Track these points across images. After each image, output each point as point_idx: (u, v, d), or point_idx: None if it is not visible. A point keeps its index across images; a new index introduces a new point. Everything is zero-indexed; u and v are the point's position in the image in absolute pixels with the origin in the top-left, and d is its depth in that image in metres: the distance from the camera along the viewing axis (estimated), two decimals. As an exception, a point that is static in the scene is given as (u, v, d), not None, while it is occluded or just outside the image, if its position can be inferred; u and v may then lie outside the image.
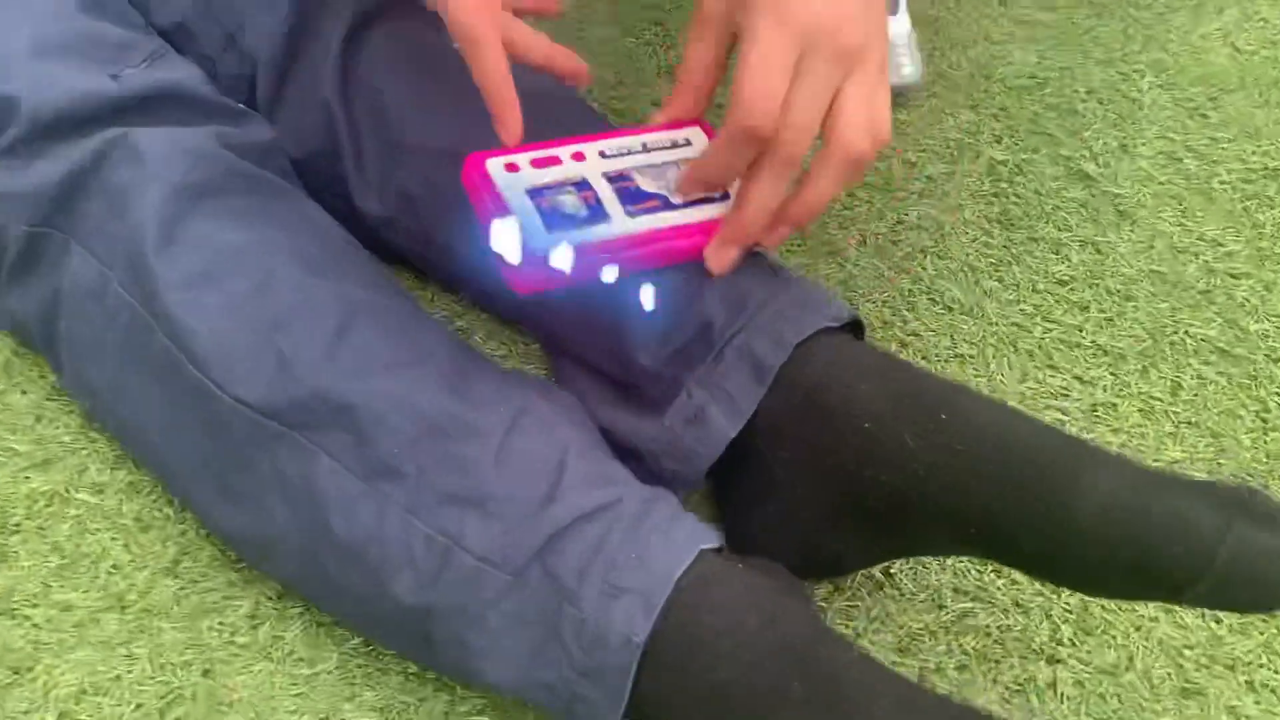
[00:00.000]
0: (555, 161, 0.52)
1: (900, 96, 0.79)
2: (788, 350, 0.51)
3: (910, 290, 0.69)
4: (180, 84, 0.55)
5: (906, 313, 0.67)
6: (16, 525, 0.53)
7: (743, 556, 0.50)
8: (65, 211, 0.51)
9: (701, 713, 0.44)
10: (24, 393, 0.57)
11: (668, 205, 0.52)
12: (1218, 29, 0.88)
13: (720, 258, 0.52)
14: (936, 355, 0.66)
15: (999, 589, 0.57)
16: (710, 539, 0.48)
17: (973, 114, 0.79)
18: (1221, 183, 0.77)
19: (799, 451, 0.51)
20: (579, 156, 0.52)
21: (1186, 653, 0.56)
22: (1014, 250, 0.71)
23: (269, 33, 0.59)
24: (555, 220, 0.50)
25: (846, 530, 0.51)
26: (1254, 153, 0.79)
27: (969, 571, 0.58)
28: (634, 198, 0.52)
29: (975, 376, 0.65)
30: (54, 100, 0.51)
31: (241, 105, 0.57)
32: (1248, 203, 0.76)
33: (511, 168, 0.51)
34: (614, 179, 0.52)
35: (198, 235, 0.51)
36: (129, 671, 0.49)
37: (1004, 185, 0.75)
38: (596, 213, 0.51)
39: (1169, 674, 0.55)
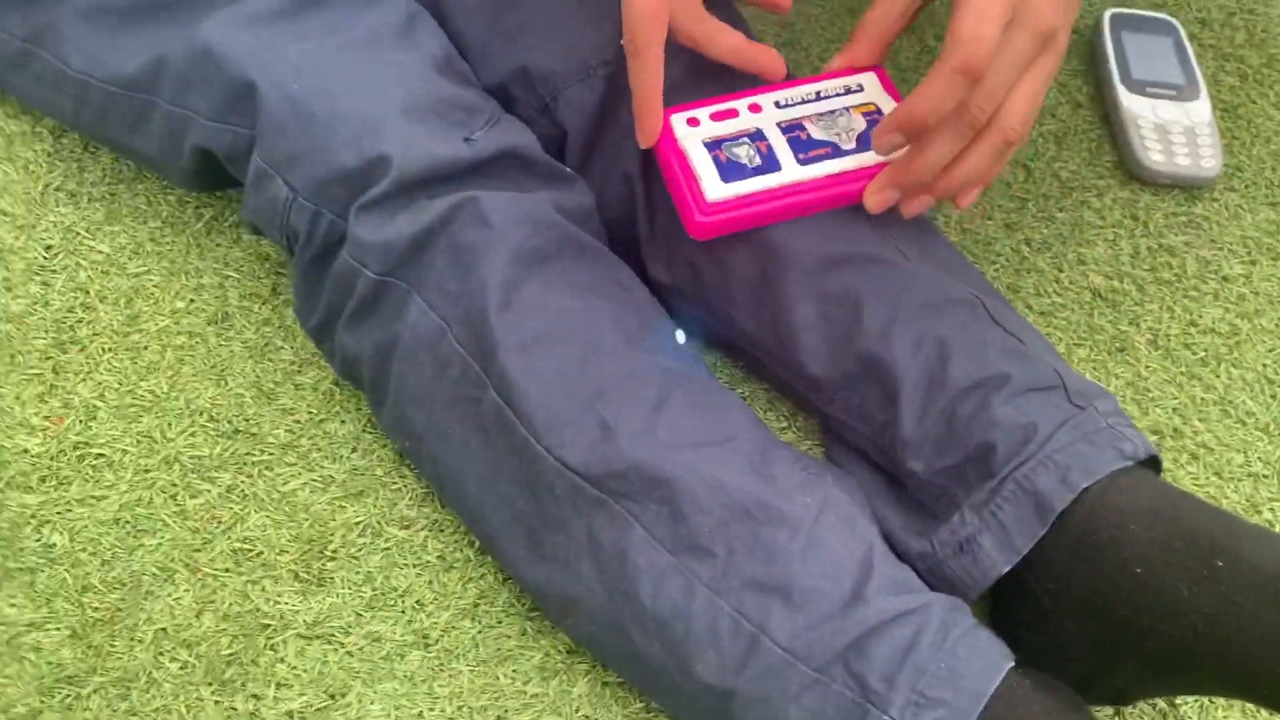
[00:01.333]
0: (733, 114, 0.57)
1: (1198, 188, 0.76)
2: (1075, 492, 0.50)
3: (1202, 399, 0.66)
4: (521, 148, 0.57)
5: (1198, 422, 0.65)
6: (333, 552, 0.56)
7: (1029, 672, 0.49)
8: (412, 264, 0.54)
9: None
10: (342, 422, 0.60)
11: (837, 152, 0.57)
12: None
13: (878, 199, 0.56)
14: (1230, 473, 0.63)
15: (1292, 733, 0.54)
16: (1009, 655, 0.48)
17: (1273, 212, 0.75)
18: None
19: (1069, 589, 0.50)
20: (755, 108, 0.58)
21: None
22: (1315, 365, 0.68)
23: (582, 106, 0.61)
24: (730, 170, 0.55)
25: (1125, 670, 0.50)
26: None
27: (1260, 711, 0.55)
28: (805, 146, 0.57)
29: (1270, 500, 0.62)
30: (419, 162, 0.54)
31: (569, 170, 0.59)
32: None
33: (693, 122, 0.57)
34: (787, 129, 0.57)
35: (533, 300, 0.53)
36: (430, 709, 0.52)
37: (1306, 292, 0.71)
38: (769, 162, 0.56)
39: None
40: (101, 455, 0.58)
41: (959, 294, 0.56)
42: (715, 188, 0.55)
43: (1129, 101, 0.78)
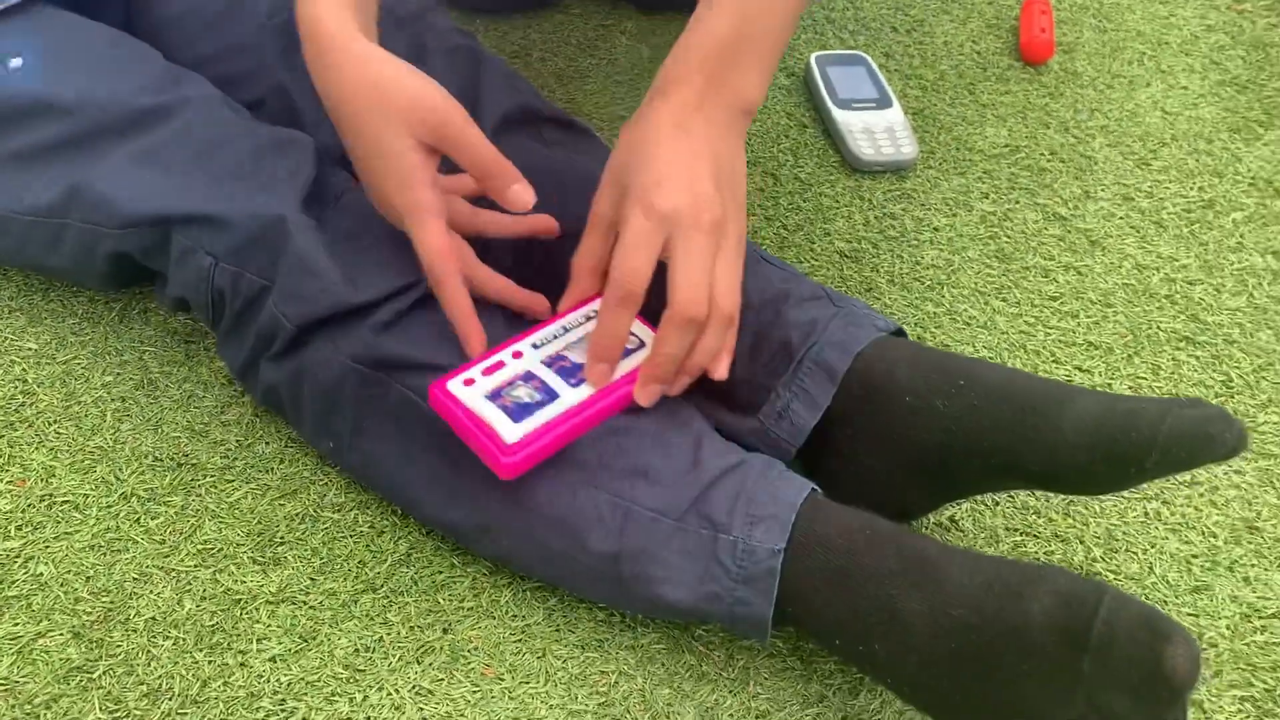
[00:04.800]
0: (500, 366, 0.63)
1: (903, 170, 0.98)
2: (850, 357, 0.68)
3: (934, 313, 0.86)
4: None
5: (935, 330, 0.85)
6: (282, 539, 0.68)
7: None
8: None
9: (829, 590, 0.59)
10: (267, 444, 0.73)
11: None
12: (1148, 97, 1.08)
13: (646, 393, 0.64)
14: (963, 359, 0.83)
15: (1041, 526, 0.73)
16: (814, 485, 0.64)
17: (961, 179, 0.98)
18: (1169, 214, 0.96)
19: (859, 428, 0.67)
20: (518, 355, 0.64)
21: (1193, 560, 0.71)
22: (1012, 278, 0.89)
23: None
24: (517, 412, 0.61)
25: (904, 484, 0.68)
26: (1191, 189, 0.98)
27: (1015, 515, 0.73)
28: (571, 372, 0.64)
29: (996, 373, 0.82)
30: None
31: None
32: (1193, 227, 0.94)
33: (469, 382, 0.62)
34: (551, 363, 0.64)
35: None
36: (389, 634, 0.64)
37: (996, 230, 0.93)
38: (548, 394, 0.63)
39: (1181, 577, 0.70)
40: (67, 501, 0.69)
41: (740, 252, 0.74)
42: (510, 431, 0.60)
43: (840, 115, 1.00)
